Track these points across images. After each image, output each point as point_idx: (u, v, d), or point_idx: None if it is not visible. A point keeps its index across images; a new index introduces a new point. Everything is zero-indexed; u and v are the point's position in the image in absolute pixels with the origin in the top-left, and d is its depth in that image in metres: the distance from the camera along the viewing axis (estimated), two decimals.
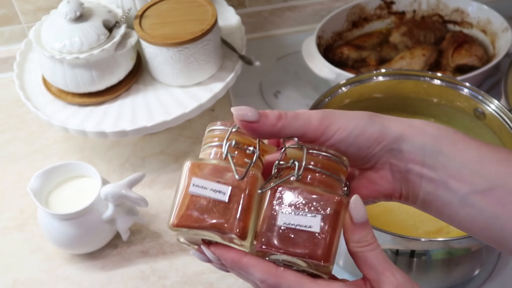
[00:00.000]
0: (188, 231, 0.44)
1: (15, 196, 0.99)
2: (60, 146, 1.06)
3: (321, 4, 1.25)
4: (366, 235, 0.44)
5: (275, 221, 0.43)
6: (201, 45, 0.92)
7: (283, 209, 0.44)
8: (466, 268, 0.78)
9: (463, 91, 0.84)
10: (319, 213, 0.43)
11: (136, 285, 0.85)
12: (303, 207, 0.43)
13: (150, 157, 1.03)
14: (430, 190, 0.47)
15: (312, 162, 0.45)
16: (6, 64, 1.19)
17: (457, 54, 1.06)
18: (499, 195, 0.44)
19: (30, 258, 0.90)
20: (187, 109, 0.93)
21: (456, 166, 0.45)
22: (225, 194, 0.44)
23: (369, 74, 0.88)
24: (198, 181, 0.44)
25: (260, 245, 0.43)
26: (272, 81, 1.16)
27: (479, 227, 0.46)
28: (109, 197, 0.82)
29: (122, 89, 0.97)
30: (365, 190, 0.49)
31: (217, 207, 0.44)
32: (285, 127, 0.46)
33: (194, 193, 0.44)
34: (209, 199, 0.44)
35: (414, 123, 0.47)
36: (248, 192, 0.44)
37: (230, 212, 0.44)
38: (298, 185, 0.44)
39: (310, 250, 0.42)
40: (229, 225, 0.43)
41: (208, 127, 0.48)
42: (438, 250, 0.72)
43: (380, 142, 0.47)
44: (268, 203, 0.44)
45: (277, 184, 0.44)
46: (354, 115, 0.47)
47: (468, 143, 0.46)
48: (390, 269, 0.44)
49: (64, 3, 0.90)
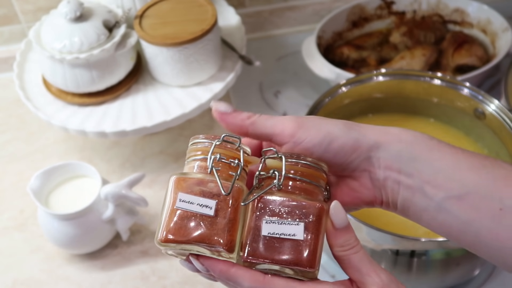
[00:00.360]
0: (176, 246, 0.45)
1: (15, 196, 0.99)
2: (60, 146, 1.06)
3: (321, 4, 1.25)
4: (348, 239, 0.45)
5: (260, 231, 0.44)
6: (201, 45, 0.92)
7: (266, 219, 0.44)
8: (466, 268, 0.78)
9: (463, 91, 0.84)
10: (302, 221, 0.44)
11: (136, 285, 0.85)
12: (286, 216, 0.44)
13: (150, 157, 1.03)
14: (407, 197, 0.47)
15: (292, 171, 0.46)
16: (6, 64, 1.19)
17: (457, 54, 1.06)
18: (473, 200, 0.45)
19: (30, 258, 0.90)
20: (187, 109, 0.93)
21: (431, 172, 0.46)
22: (212, 208, 0.45)
23: (369, 74, 0.88)
24: (185, 196, 0.45)
25: (246, 256, 0.44)
26: (272, 81, 1.16)
27: (455, 232, 0.46)
28: (109, 197, 0.82)
29: (122, 89, 0.97)
30: (347, 197, 0.50)
31: (204, 221, 0.44)
32: (255, 123, 0.48)
33: (181, 208, 0.45)
34: (196, 214, 0.45)
35: (390, 131, 0.48)
36: (233, 205, 0.45)
37: (217, 226, 0.44)
38: (280, 194, 0.45)
39: (295, 258, 0.44)
40: (216, 239, 0.44)
41: (191, 140, 0.48)
42: (438, 250, 0.72)
43: (356, 150, 0.47)
44: (252, 214, 0.45)
45: (259, 195, 0.45)
46: (328, 123, 0.48)
47: (444, 149, 0.47)
48: (375, 270, 0.44)
49: (64, 3, 0.90)
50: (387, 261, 0.75)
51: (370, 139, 0.47)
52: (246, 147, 0.48)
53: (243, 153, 0.47)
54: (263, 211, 0.45)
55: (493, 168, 0.45)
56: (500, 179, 0.45)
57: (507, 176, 0.45)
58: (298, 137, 0.47)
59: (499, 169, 0.45)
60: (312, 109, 0.83)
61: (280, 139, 0.47)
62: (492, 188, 0.44)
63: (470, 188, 0.45)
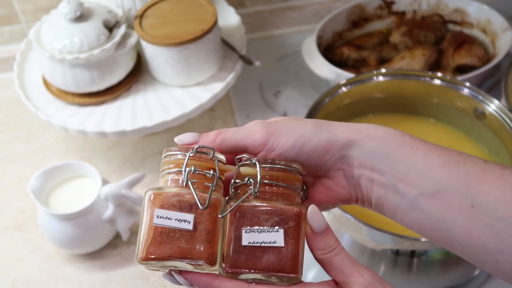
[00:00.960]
0: (157, 263, 0.45)
1: (15, 196, 0.99)
2: (60, 146, 1.06)
3: (321, 4, 1.25)
4: (328, 241, 0.45)
5: (240, 241, 0.44)
6: (201, 45, 0.92)
7: (245, 228, 0.44)
8: (466, 268, 0.78)
9: (463, 91, 0.84)
10: (281, 227, 0.44)
11: (136, 285, 0.85)
12: (265, 224, 0.44)
13: (150, 157, 1.03)
14: (381, 194, 0.47)
15: (267, 176, 0.45)
16: (6, 64, 1.19)
17: (457, 54, 1.06)
18: (444, 197, 0.45)
19: (30, 258, 0.90)
20: (187, 109, 0.93)
21: (403, 169, 0.46)
22: (190, 222, 0.44)
23: (369, 74, 0.88)
24: (162, 212, 0.44)
25: (228, 267, 0.44)
26: (272, 81, 1.16)
27: (428, 229, 0.46)
28: (109, 197, 0.82)
29: (122, 89, 0.97)
30: (323, 196, 0.50)
31: (184, 236, 0.44)
32: (225, 140, 0.47)
33: (159, 224, 0.44)
34: (175, 229, 0.44)
35: (361, 128, 0.48)
36: (212, 217, 0.44)
37: (197, 240, 0.44)
38: (257, 202, 0.45)
39: (278, 265, 0.44)
40: (197, 253, 0.44)
41: (164, 152, 0.48)
42: (438, 250, 0.72)
43: (329, 150, 0.47)
44: (230, 224, 0.45)
45: (236, 205, 0.44)
46: (299, 125, 0.48)
47: (416, 145, 0.47)
48: (358, 270, 0.45)
49: (64, 3, 0.90)
50: (387, 261, 0.75)
51: (342, 138, 0.47)
52: (221, 156, 0.47)
53: (218, 162, 0.46)
54: (241, 221, 0.44)
55: (465, 165, 0.45)
56: (472, 176, 0.44)
57: (480, 173, 0.45)
58: (271, 145, 0.47)
59: (471, 166, 0.45)
60: (312, 109, 0.83)
61: (253, 149, 0.47)
62: (463, 185, 0.44)
63: (442, 185, 0.45)
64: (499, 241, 0.43)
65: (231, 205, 0.45)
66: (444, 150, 0.47)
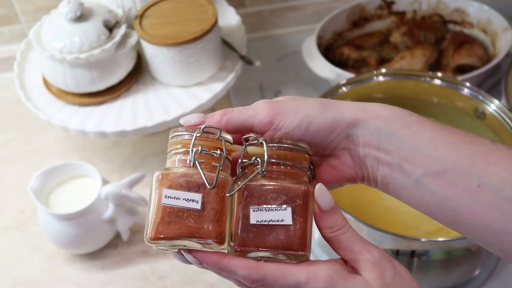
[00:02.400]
0: (166, 243, 0.45)
1: (15, 196, 0.99)
2: (60, 146, 1.06)
3: (322, 4, 1.25)
4: (336, 220, 0.45)
5: (248, 220, 0.44)
6: (201, 45, 0.92)
7: (253, 207, 0.44)
8: (467, 268, 0.78)
9: (463, 91, 0.84)
10: (289, 206, 0.44)
11: (136, 285, 0.85)
12: (273, 202, 0.44)
13: (151, 157, 1.03)
14: (386, 173, 0.47)
15: (274, 155, 0.46)
16: (6, 64, 1.19)
17: (458, 54, 1.06)
18: (450, 177, 0.45)
19: (30, 258, 0.90)
20: (187, 109, 0.93)
21: (409, 149, 0.46)
22: (198, 202, 0.44)
23: (369, 74, 0.88)
24: (170, 192, 0.45)
25: (237, 246, 0.45)
26: (272, 81, 1.16)
27: (433, 208, 0.46)
28: (109, 197, 0.82)
29: (122, 89, 0.97)
30: (329, 176, 0.50)
31: (192, 215, 0.44)
32: (231, 120, 0.47)
33: (167, 204, 0.44)
34: (183, 209, 0.44)
35: (368, 107, 0.48)
36: (220, 197, 0.45)
37: (205, 219, 0.44)
38: (264, 181, 0.45)
39: (286, 243, 0.44)
40: (205, 232, 0.44)
41: (171, 132, 0.48)
42: (438, 250, 0.72)
43: (335, 129, 0.47)
44: (238, 203, 0.45)
45: (244, 184, 0.45)
46: (305, 104, 0.48)
47: (423, 125, 0.46)
48: (366, 248, 0.45)
49: (65, 3, 0.90)
50: None
51: (348, 117, 0.47)
52: (228, 136, 0.47)
53: (225, 142, 0.46)
54: (249, 200, 0.45)
55: (472, 144, 0.45)
56: (478, 156, 0.44)
57: (486, 153, 0.45)
58: (277, 124, 0.47)
59: (478, 146, 0.45)
60: None
61: (259, 129, 0.47)
62: (470, 165, 0.44)
63: (447, 165, 0.45)
64: (504, 221, 0.43)
65: (238, 184, 0.45)
66: (451, 130, 0.46)
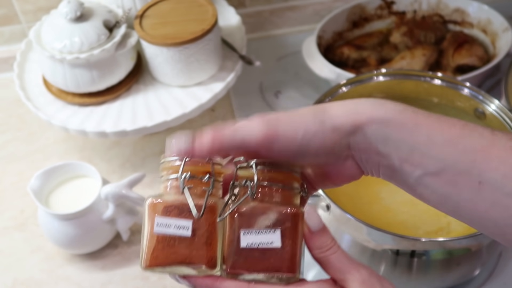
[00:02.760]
0: (161, 270, 0.46)
1: (15, 196, 0.99)
2: (60, 146, 1.06)
3: (322, 4, 1.25)
4: (325, 241, 0.46)
5: (238, 243, 0.45)
6: (201, 45, 0.92)
7: (244, 230, 0.45)
8: (467, 268, 0.78)
9: (463, 91, 0.84)
10: (278, 228, 0.45)
11: (137, 285, 0.86)
12: (262, 225, 0.45)
13: (151, 157, 1.03)
14: (388, 174, 0.48)
15: (265, 178, 0.46)
16: (7, 64, 1.19)
17: (458, 54, 1.06)
18: (449, 176, 0.44)
19: (30, 258, 0.90)
20: (187, 109, 0.93)
21: (406, 150, 0.45)
22: (188, 229, 0.45)
23: (369, 74, 0.88)
24: (161, 219, 0.45)
25: (228, 269, 0.45)
26: (272, 81, 1.16)
27: (435, 202, 0.47)
28: (109, 197, 0.82)
29: (122, 89, 0.97)
30: (337, 180, 0.50)
31: (183, 242, 0.45)
32: (223, 143, 0.46)
33: (159, 232, 0.45)
34: (175, 236, 0.45)
35: (360, 108, 0.47)
36: (209, 222, 0.45)
37: (196, 245, 0.45)
38: (254, 204, 0.45)
39: (275, 265, 0.44)
40: (197, 258, 0.45)
41: (161, 158, 0.48)
42: (438, 250, 0.72)
43: (335, 142, 0.47)
44: (229, 227, 0.45)
45: (234, 208, 0.45)
46: (300, 119, 0.46)
47: (418, 122, 0.46)
48: (355, 267, 0.45)
49: (65, 3, 0.90)
50: (387, 261, 0.75)
51: (345, 126, 0.46)
52: (218, 159, 0.47)
53: (216, 165, 0.46)
54: (239, 223, 0.45)
55: (471, 138, 0.44)
56: (479, 151, 0.44)
57: (487, 147, 0.44)
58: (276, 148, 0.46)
59: (478, 139, 0.44)
60: None
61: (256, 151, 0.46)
62: (470, 161, 0.44)
63: (447, 163, 0.44)
64: (507, 217, 0.43)
65: (229, 208, 0.45)
66: (448, 123, 0.46)
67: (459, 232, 0.77)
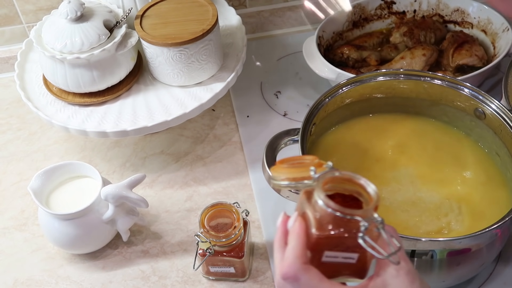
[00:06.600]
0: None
1: (15, 196, 0.99)
2: (60, 146, 1.07)
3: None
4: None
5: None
6: (202, 45, 0.92)
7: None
8: (467, 268, 0.78)
9: (463, 91, 0.84)
10: None
11: (137, 285, 0.86)
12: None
13: (151, 157, 1.03)
14: None
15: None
16: (7, 64, 1.19)
17: (458, 54, 1.06)
18: None
19: (30, 258, 0.90)
20: (188, 109, 0.93)
21: None
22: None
23: (369, 74, 0.88)
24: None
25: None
26: (272, 81, 1.16)
27: None
28: (109, 198, 0.82)
29: (123, 89, 0.97)
30: None
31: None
32: None
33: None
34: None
35: None
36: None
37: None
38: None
39: None
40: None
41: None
42: (438, 250, 0.72)
43: None
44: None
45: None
46: None
47: None
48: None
49: (65, 3, 0.90)
50: None
51: None
52: None
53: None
54: None
55: None
56: None
57: None
58: None
59: None
60: (312, 109, 0.83)
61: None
62: None
63: None
64: None
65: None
66: None
67: (459, 232, 0.77)
